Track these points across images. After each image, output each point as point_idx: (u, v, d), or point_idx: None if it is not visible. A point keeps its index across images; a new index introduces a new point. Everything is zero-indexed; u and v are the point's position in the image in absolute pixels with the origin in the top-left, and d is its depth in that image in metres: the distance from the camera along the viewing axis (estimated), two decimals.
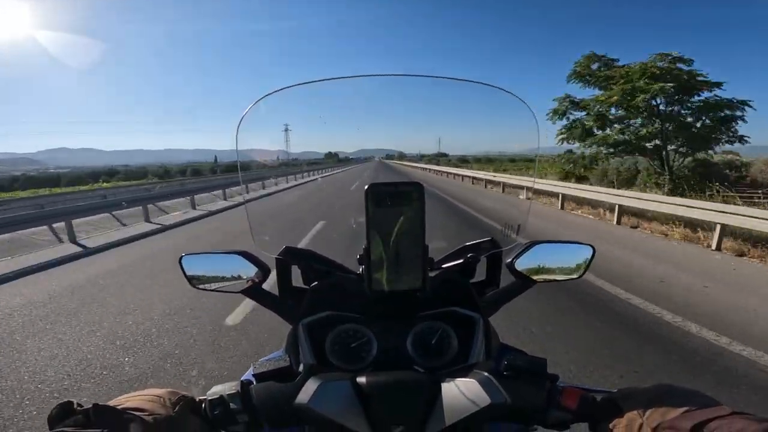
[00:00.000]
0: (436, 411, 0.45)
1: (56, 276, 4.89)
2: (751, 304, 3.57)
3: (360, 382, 0.47)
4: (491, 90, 0.70)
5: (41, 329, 3.26)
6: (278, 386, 0.46)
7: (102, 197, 12.25)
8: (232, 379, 0.50)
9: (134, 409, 0.40)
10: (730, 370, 2.48)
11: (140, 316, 3.43)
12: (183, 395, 0.46)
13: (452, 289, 0.66)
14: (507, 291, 0.71)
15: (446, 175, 23.02)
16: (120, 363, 2.67)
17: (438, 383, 0.47)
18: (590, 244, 0.69)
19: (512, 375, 0.46)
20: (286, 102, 0.69)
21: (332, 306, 0.65)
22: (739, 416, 0.36)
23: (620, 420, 0.42)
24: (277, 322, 0.76)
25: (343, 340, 0.63)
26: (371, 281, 0.57)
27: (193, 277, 0.68)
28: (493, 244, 0.73)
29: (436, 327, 0.64)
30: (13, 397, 2.30)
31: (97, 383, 2.44)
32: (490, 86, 0.70)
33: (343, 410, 0.44)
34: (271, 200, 10.69)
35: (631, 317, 3.30)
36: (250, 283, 0.67)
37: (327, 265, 0.72)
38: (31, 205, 12.07)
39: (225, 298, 3.16)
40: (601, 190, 9.07)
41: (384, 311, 0.64)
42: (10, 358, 2.80)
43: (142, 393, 0.44)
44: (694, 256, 5.45)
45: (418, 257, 0.56)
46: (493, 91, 0.70)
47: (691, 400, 0.40)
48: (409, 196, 0.54)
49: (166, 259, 5.35)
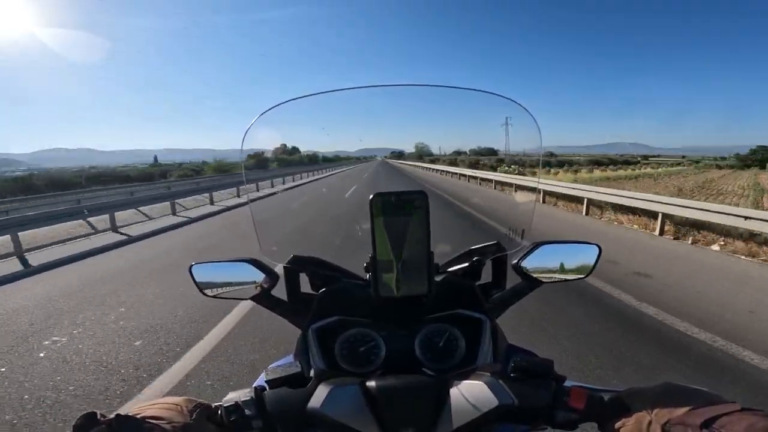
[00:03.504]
0: (445, 413, 0.46)
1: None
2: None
3: (369, 386, 0.48)
4: (495, 98, 0.71)
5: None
6: (290, 392, 0.48)
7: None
8: (246, 385, 0.51)
9: (153, 418, 0.42)
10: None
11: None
12: (199, 402, 0.47)
13: (459, 292, 0.67)
14: (513, 292, 0.71)
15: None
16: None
17: (446, 386, 0.48)
18: (596, 243, 0.70)
19: (519, 376, 0.47)
20: (291, 112, 0.70)
21: (340, 311, 0.66)
22: (748, 412, 0.36)
23: (628, 419, 0.42)
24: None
25: (352, 345, 0.64)
26: (378, 287, 0.58)
27: (203, 284, 0.70)
28: (498, 247, 0.74)
29: (443, 329, 0.65)
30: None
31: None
32: (492, 94, 0.71)
33: (353, 414, 0.45)
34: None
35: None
36: (259, 289, 0.68)
37: (334, 271, 0.73)
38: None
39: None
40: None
41: (392, 315, 0.65)
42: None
43: (160, 401, 0.46)
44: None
45: (423, 263, 0.57)
46: (496, 98, 0.71)
47: (698, 397, 0.40)
48: (413, 204, 0.55)
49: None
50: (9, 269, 5.29)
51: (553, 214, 8.94)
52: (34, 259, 5.86)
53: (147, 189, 16.11)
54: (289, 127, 0.80)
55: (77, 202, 11.80)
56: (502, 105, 0.71)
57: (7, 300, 4.02)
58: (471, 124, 0.91)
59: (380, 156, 1.97)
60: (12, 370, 2.62)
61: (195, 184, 15.54)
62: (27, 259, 5.83)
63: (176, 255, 5.68)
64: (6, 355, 2.84)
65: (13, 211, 9.79)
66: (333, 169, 5.24)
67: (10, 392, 2.35)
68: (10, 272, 5.13)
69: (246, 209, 5.73)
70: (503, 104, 0.71)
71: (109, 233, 7.63)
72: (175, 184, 18.11)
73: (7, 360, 2.76)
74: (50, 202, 12.12)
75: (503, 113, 0.78)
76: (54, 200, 12.51)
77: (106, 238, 7.21)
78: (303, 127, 0.84)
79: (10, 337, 3.13)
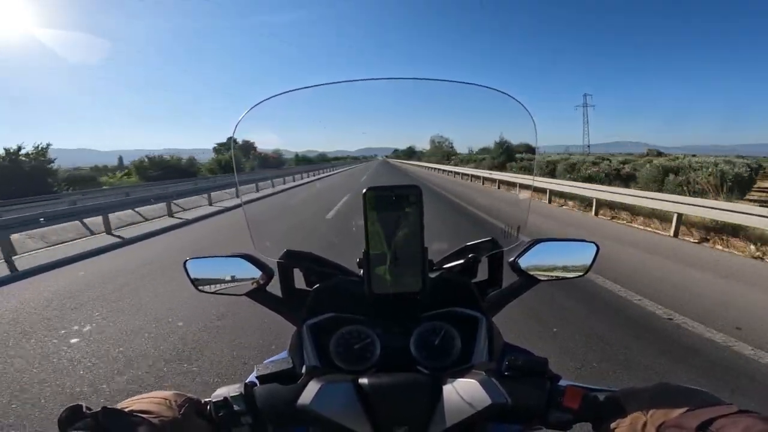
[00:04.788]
0: (438, 412, 0.45)
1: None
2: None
3: (362, 383, 0.47)
4: (490, 92, 0.70)
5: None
6: (281, 388, 0.47)
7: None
8: (237, 381, 0.50)
9: (141, 412, 0.41)
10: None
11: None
12: (188, 397, 0.47)
13: (454, 290, 0.66)
14: (510, 290, 0.71)
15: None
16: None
17: (439, 384, 0.47)
18: (594, 242, 0.69)
19: (513, 375, 0.46)
20: (284, 107, 0.69)
21: (335, 308, 0.65)
22: (744, 414, 0.35)
23: (623, 420, 0.41)
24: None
25: (346, 342, 0.63)
26: (371, 284, 0.57)
27: (197, 280, 0.69)
28: (493, 244, 0.73)
29: (439, 327, 0.64)
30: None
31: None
32: (489, 89, 0.70)
33: (344, 411, 0.44)
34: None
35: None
36: (254, 285, 0.68)
37: (328, 267, 0.72)
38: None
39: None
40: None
41: (387, 312, 0.64)
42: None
43: (148, 396, 0.45)
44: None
45: (417, 260, 0.56)
46: (492, 93, 0.70)
47: (694, 398, 0.39)
48: (407, 199, 0.54)
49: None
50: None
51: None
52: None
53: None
54: (281, 123, 0.79)
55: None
56: (499, 101, 0.71)
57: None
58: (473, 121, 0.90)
59: (381, 155, 1.92)
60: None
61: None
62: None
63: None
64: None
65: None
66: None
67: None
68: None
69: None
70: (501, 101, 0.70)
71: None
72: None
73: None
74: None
75: (498, 109, 0.77)
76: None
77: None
78: (296, 123, 0.83)
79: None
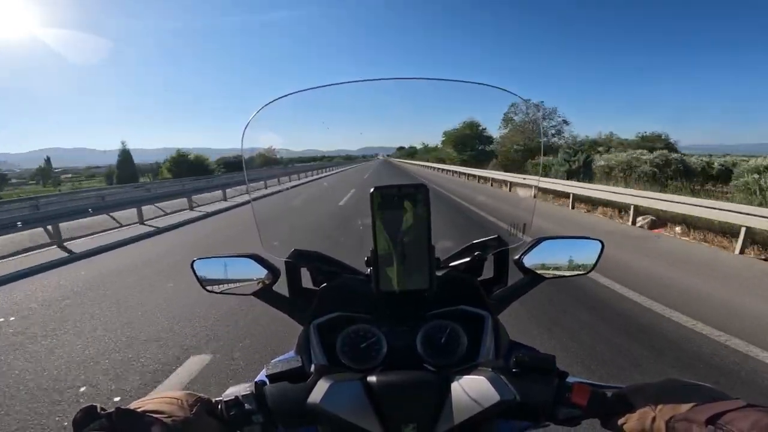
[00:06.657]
0: (446, 409, 0.45)
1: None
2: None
3: (370, 381, 0.47)
4: (495, 91, 0.71)
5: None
6: (291, 387, 0.47)
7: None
8: (247, 380, 0.50)
9: (154, 412, 0.41)
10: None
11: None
12: (199, 397, 0.47)
13: (460, 288, 0.67)
14: (516, 288, 0.71)
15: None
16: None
17: (447, 381, 0.47)
18: (599, 239, 0.69)
19: (521, 372, 0.46)
20: (290, 108, 0.69)
21: (342, 307, 0.66)
22: (752, 409, 0.36)
23: (632, 415, 0.41)
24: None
25: (353, 341, 0.64)
26: (378, 282, 0.58)
27: (204, 280, 0.69)
28: (499, 241, 0.73)
29: (445, 325, 0.64)
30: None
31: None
32: (494, 87, 0.71)
33: (354, 410, 0.45)
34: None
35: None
36: (261, 285, 0.68)
37: (335, 266, 0.73)
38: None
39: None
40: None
41: (393, 311, 0.64)
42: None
43: (160, 396, 0.45)
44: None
45: (425, 258, 0.57)
46: (496, 91, 0.71)
47: (702, 393, 0.39)
48: (414, 197, 0.55)
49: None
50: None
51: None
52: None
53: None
54: (286, 124, 0.79)
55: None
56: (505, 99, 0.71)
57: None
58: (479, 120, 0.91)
59: (382, 155, 1.90)
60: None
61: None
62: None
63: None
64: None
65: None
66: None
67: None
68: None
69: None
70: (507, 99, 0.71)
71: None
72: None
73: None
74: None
75: (504, 107, 0.78)
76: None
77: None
78: (300, 124, 0.83)
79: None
